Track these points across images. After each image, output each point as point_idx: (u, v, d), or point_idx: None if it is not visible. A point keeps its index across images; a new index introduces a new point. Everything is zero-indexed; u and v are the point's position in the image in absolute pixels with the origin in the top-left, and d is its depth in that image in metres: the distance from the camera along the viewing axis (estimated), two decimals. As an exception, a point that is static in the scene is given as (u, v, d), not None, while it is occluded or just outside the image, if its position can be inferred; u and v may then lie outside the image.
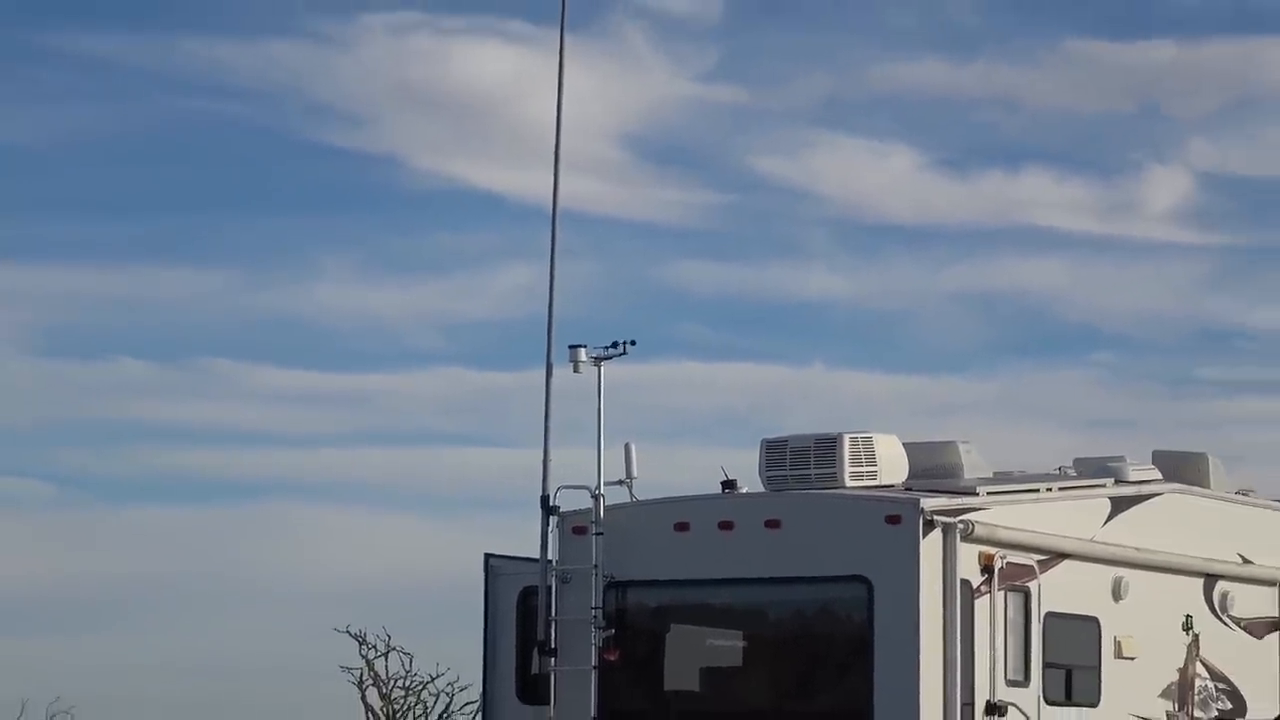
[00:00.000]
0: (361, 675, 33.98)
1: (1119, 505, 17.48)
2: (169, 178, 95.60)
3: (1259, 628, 18.43)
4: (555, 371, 16.84)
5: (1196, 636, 17.78)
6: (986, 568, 15.99)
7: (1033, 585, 16.43)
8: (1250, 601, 18.35)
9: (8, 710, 49.01)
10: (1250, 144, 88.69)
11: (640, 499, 16.76)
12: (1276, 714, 15.56)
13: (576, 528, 16.64)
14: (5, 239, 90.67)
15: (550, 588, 16.69)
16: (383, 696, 34.03)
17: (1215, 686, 17.59)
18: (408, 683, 33.75)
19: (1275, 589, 18.59)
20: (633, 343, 16.83)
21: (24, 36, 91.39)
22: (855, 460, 16.55)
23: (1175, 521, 17.88)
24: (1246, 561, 18.38)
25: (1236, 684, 17.79)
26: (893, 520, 15.73)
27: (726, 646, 17.05)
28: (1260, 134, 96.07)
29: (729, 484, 16.96)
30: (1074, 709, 16.64)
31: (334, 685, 35.66)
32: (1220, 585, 18.08)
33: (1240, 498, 18.80)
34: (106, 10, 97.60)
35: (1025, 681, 16.26)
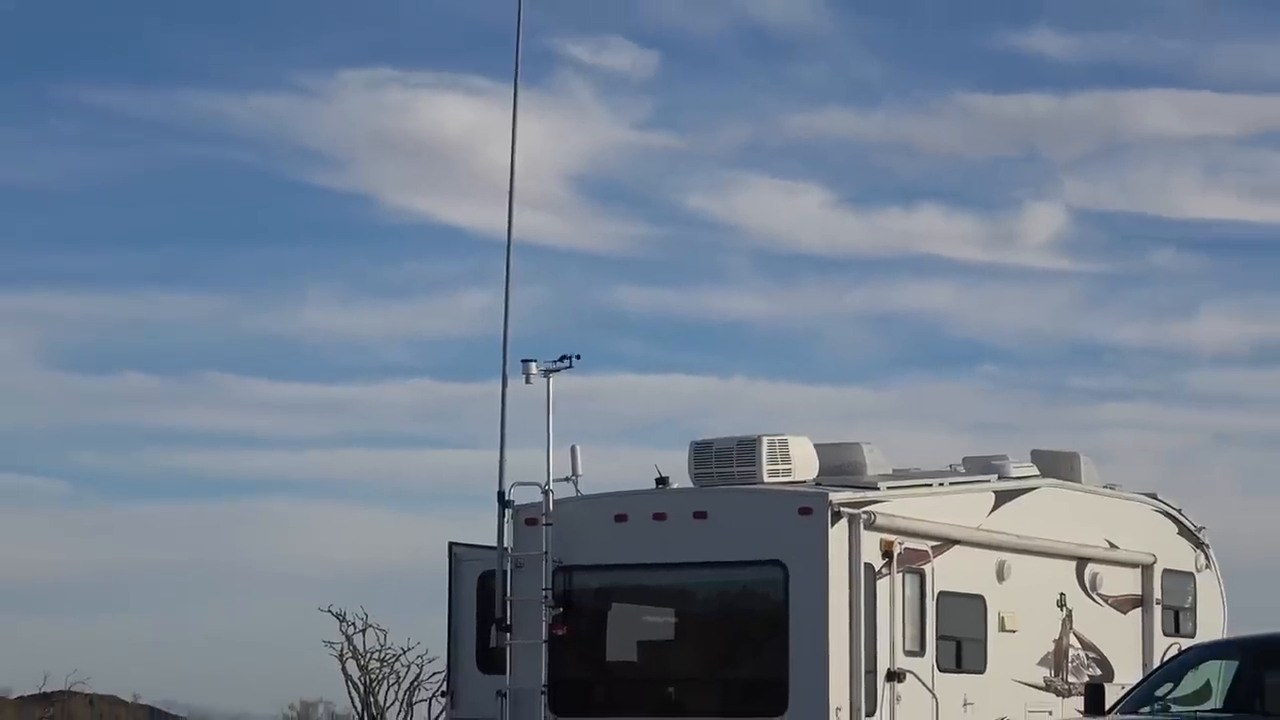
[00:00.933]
0: (342, 649, 33.79)
1: (1002, 498, 17.52)
2: (171, 214, 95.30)
3: (1124, 604, 18.50)
4: (510, 382, 16.84)
5: (1070, 612, 17.89)
6: (887, 553, 16.01)
7: (927, 568, 16.48)
8: (1116, 581, 18.42)
9: (32, 680, 48.76)
10: (1116, 183, 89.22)
11: (584, 494, 16.73)
12: (1140, 679, 15.59)
13: (529, 519, 16.62)
14: (26, 267, 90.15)
15: (506, 572, 16.66)
16: (361, 667, 33.84)
17: (1086, 655, 17.67)
18: (382, 655, 33.59)
19: (1137, 570, 18.67)
20: (577, 357, 16.85)
21: (44, 89, 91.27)
22: (772, 459, 16.57)
23: (1050, 512, 17.93)
24: (1113, 546, 18.46)
25: (1105, 653, 17.86)
26: (805, 512, 15.76)
27: (660, 622, 17.12)
28: (1125, 175, 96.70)
29: (662, 480, 16.98)
30: (964, 676, 16.66)
31: (318, 657, 35.50)
32: (1090, 567, 18.13)
33: (1107, 491, 18.87)
34: (116, 67, 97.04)
35: (921, 652, 16.32)
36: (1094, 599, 18.17)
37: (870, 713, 15.74)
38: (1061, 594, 17.90)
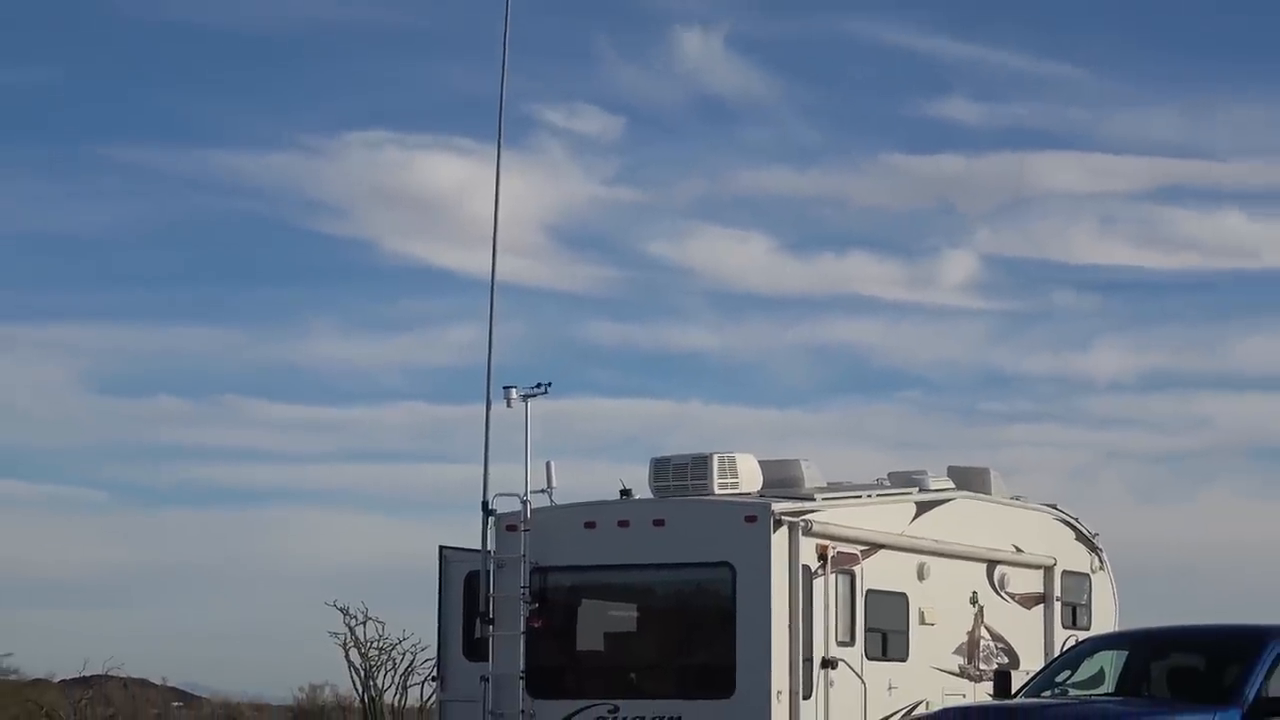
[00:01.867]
0: (345, 639, 33.79)
1: (922, 508, 17.53)
2: (196, 257, 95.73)
3: (1028, 601, 18.53)
4: (493, 405, 16.84)
5: (981, 608, 17.88)
6: (822, 556, 16.01)
7: (857, 569, 16.47)
8: (1021, 581, 18.44)
9: (73, 666, 48.60)
10: (1022, 233, 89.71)
11: (558, 503, 16.69)
12: (1042, 667, 15.62)
13: (509, 525, 16.57)
14: (72, 304, 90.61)
15: (489, 572, 16.62)
16: (362, 655, 33.86)
17: (995, 646, 17.66)
18: (381, 644, 33.61)
19: (1040, 571, 18.70)
20: (550, 384, 16.93)
21: (91, 150, 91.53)
22: (722, 474, 16.54)
23: (964, 520, 17.95)
24: (1018, 551, 18.48)
25: (1011, 644, 17.87)
26: (750, 519, 15.77)
27: (624, 616, 17.12)
28: (1030, 225, 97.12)
29: (625, 492, 16.94)
30: (888, 664, 16.67)
31: (323, 646, 35.46)
32: (999, 569, 18.15)
33: (1013, 502, 18.90)
34: (150, 130, 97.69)
35: (851, 642, 16.31)
36: (1002, 596, 18.17)
37: (807, 695, 15.74)
38: (974, 592, 17.89)
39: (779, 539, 15.70)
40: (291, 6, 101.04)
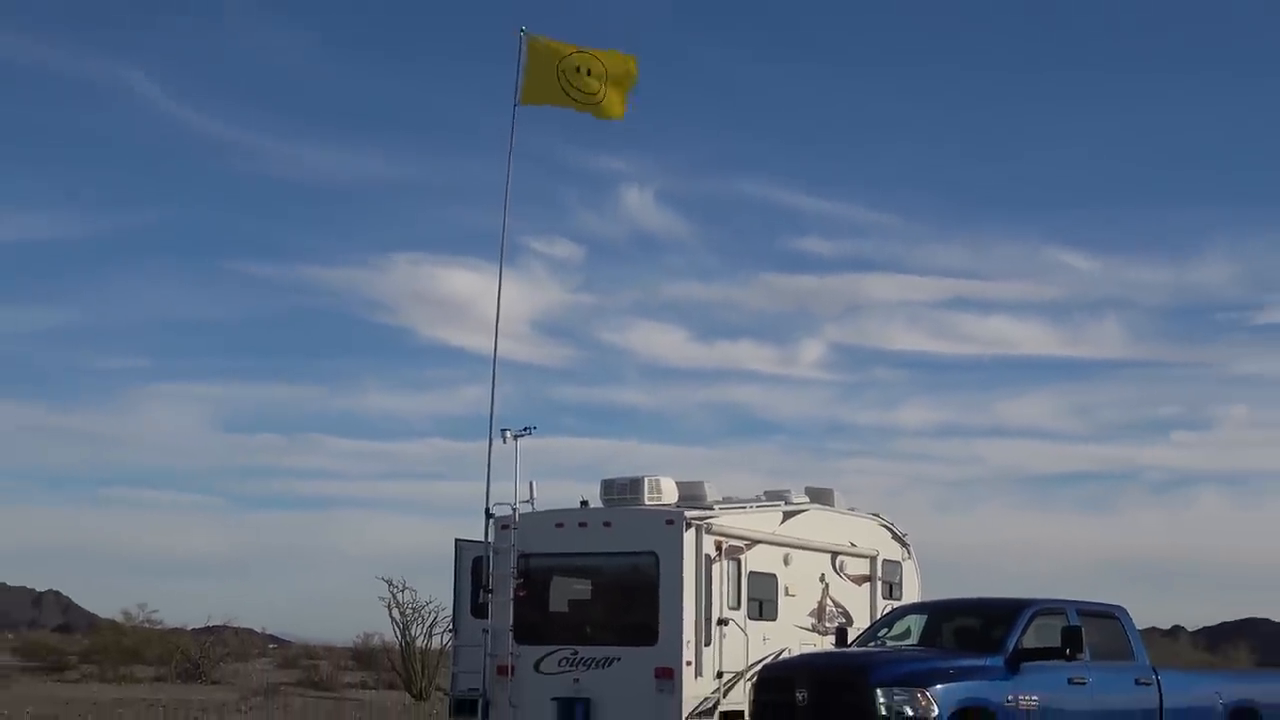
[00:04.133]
0: (389, 601, 33.63)
1: (787, 515, 17.61)
2: (289, 337, 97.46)
3: (859, 580, 18.47)
4: (493, 442, 16.75)
5: (827, 585, 17.95)
6: (718, 548, 16.11)
7: (742, 557, 16.57)
8: (855, 566, 18.45)
9: (200, 618, 48.54)
10: (855, 328, 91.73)
11: (537, 510, 16.66)
12: (868, 626, 15.79)
13: (503, 525, 16.58)
14: (203, 369, 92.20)
15: (489, 557, 16.63)
16: (400, 613, 33.66)
17: (836, 611, 17.64)
18: (414, 606, 33.40)
19: (867, 560, 18.65)
20: (534, 428, 16.92)
21: (214, 262, 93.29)
22: (650, 491, 16.70)
23: (815, 524, 17.99)
24: (853, 545, 18.50)
25: (848, 609, 17.82)
26: (670, 523, 15.91)
27: (582, 588, 17.14)
28: (860, 323, 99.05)
29: (584, 503, 17.03)
30: (764, 623, 16.70)
31: (374, 607, 35.58)
32: (839, 558, 18.19)
33: (850, 511, 18.82)
34: (257, 249, 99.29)
35: (738, 607, 16.39)
36: (841, 577, 18.22)
37: (707, 644, 15.79)
38: (822, 574, 17.91)
39: (689, 536, 15.79)
40: (355, 166, 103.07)
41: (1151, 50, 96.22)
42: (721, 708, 15.90)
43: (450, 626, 18.49)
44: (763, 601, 16.88)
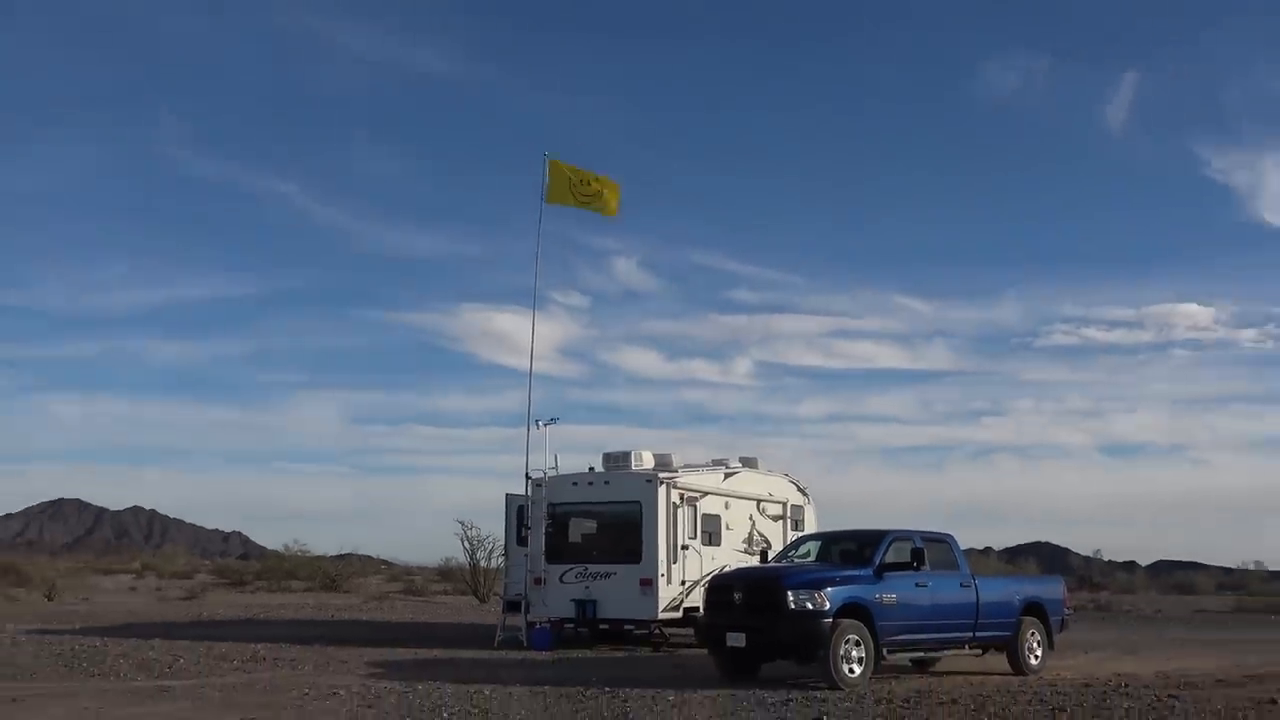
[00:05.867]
0: (463, 536, 33.30)
1: (727, 475, 17.56)
2: (394, 361, 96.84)
3: (776, 519, 18.35)
4: (531, 429, 16.51)
5: (754, 522, 17.87)
6: (681, 497, 16.11)
7: (697, 504, 16.52)
8: (772, 509, 18.36)
9: (339, 548, 48.87)
10: (771, 350, 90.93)
11: (560, 473, 16.60)
12: (781, 549, 15.74)
13: (537, 484, 16.52)
14: (337, 380, 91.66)
15: (528, 506, 16.58)
16: (470, 543, 33.34)
17: (761, 539, 17.51)
18: (478, 538, 33.08)
19: (781, 504, 18.50)
20: (557, 418, 16.74)
21: (340, 309, 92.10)
22: (636, 460, 16.67)
23: (747, 481, 17.94)
24: (771, 495, 18.43)
25: (769, 538, 17.64)
26: (649, 481, 15.93)
27: (590, 525, 16.92)
28: (776, 346, 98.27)
29: (591, 469, 16.89)
30: (712, 548, 16.59)
31: (453, 540, 35.43)
32: (762, 503, 18.14)
33: (768, 471, 18.71)
34: (367, 300, 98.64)
35: (695, 537, 16.33)
36: (763, 517, 18.13)
37: (674, 562, 15.80)
38: (750, 514, 17.82)
39: (662, 490, 15.80)
40: (437, 246, 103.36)
41: (965, 158, 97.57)
42: (685, 605, 15.87)
43: (503, 552, 18.41)
44: (711, 533, 16.79)
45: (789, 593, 10.93)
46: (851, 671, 10.87)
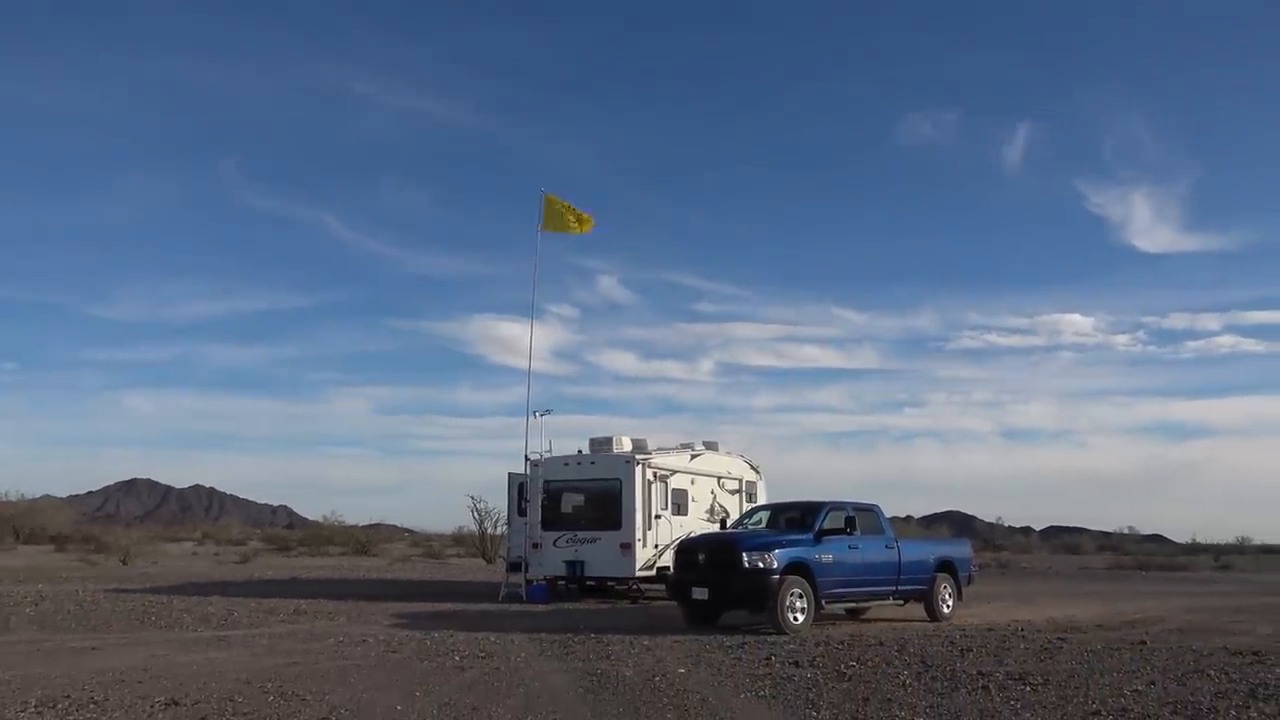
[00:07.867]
0: (473, 508, 33.11)
1: (693, 456, 17.48)
2: (419, 361, 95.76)
3: (734, 493, 18.23)
4: (529, 419, 16.45)
5: (715, 495, 17.75)
6: (654, 475, 16.03)
7: (668, 480, 16.44)
8: (731, 485, 18.26)
9: (368, 518, 48.37)
10: (730, 352, 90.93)
11: (554, 455, 16.48)
12: (738, 518, 15.70)
13: (534, 463, 16.39)
14: (369, 378, 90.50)
15: (527, 482, 16.47)
16: (479, 514, 33.13)
17: (720, 508, 17.38)
18: (486, 510, 32.89)
19: (738, 480, 18.36)
20: (551, 410, 16.70)
21: (372, 319, 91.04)
22: (617, 444, 16.59)
23: (710, 461, 17.86)
24: (729, 473, 18.33)
25: (728, 509, 17.53)
26: (628, 461, 15.84)
27: (579, 499, 16.75)
28: (734, 350, 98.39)
29: (580, 451, 16.76)
30: (680, 517, 16.52)
31: (464, 511, 35.15)
32: (722, 479, 18.03)
33: (727, 452, 18.59)
34: (394, 312, 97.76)
35: (666, 509, 16.28)
36: (724, 491, 18.01)
37: (649, 529, 15.71)
38: (712, 490, 17.71)
39: (639, 469, 15.73)
40: (452, 267, 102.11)
41: (889, 195, 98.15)
42: (658, 565, 15.79)
43: (506, 521, 18.31)
44: (679, 505, 16.73)
45: (744, 554, 10.99)
46: (796, 619, 10.93)
